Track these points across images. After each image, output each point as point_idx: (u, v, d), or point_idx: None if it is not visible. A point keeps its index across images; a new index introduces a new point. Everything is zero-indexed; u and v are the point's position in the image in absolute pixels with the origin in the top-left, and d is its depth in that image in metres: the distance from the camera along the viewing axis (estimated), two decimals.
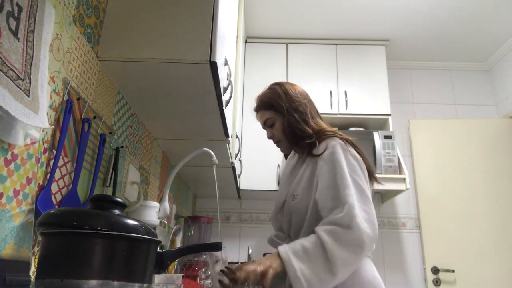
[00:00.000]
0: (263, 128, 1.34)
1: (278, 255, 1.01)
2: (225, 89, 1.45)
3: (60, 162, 0.98)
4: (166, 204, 1.49)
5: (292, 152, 1.35)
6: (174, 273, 1.83)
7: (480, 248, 2.77)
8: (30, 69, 0.80)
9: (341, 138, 1.17)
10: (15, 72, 0.75)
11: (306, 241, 1.02)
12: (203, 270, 1.45)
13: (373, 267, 1.14)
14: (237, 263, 2.61)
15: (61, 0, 0.98)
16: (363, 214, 1.02)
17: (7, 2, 0.74)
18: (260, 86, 1.38)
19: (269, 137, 1.33)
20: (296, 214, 1.16)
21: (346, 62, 3.06)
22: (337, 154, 1.11)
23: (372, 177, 1.18)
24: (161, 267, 0.75)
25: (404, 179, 2.62)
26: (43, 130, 0.90)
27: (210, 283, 1.20)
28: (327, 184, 1.09)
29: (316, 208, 1.10)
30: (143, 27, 1.21)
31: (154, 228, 1.50)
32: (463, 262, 2.77)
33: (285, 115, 1.24)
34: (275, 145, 1.34)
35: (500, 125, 3.05)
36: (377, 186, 1.22)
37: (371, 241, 1.01)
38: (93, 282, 0.59)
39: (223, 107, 1.47)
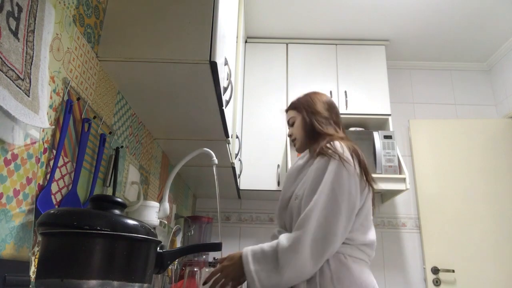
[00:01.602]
0: (288, 126, 1.46)
1: (240, 257, 1.13)
2: (225, 89, 1.45)
3: (60, 162, 0.98)
4: (166, 204, 1.49)
5: (303, 153, 1.40)
6: (174, 273, 1.82)
7: (480, 248, 2.77)
8: (30, 69, 0.80)
9: (340, 158, 1.16)
10: (15, 72, 0.75)
11: (267, 244, 1.13)
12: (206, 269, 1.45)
13: (368, 271, 1.17)
14: None
15: (61, 0, 0.98)
16: (322, 220, 1.07)
17: (7, 2, 0.74)
18: (260, 86, 1.39)
19: (288, 135, 1.46)
20: (297, 213, 1.19)
21: (346, 62, 3.06)
22: (332, 163, 1.15)
23: (369, 185, 1.20)
24: (161, 267, 0.76)
25: (404, 179, 2.62)
26: (43, 130, 0.90)
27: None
28: (310, 188, 1.16)
29: None
30: (143, 27, 1.21)
31: (154, 228, 1.50)
32: (463, 262, 2.77)
33: (305, 115, 1.35)
34: (292, 143, 1.43)
35: (500, 125, 3.05)
36: (376, 186, 1.24)
37: (315, 245, 1.05)
38: (93, 282, 0.59)
39: (223, 107, 1.47)
